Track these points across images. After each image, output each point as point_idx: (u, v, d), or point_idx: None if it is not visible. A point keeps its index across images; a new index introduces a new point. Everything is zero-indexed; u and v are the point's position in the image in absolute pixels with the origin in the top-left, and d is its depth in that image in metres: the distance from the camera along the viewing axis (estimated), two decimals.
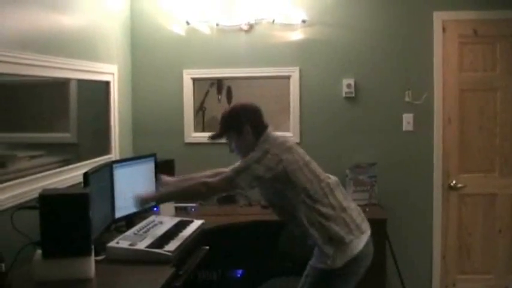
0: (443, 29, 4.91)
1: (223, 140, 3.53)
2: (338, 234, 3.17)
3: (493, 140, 4.97)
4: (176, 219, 4.03)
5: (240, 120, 3.44)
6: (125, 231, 3.66)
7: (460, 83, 4.95)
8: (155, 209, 4.34)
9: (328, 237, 3.17)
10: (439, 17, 4.91)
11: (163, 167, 4.44)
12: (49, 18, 3.69)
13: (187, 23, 5.07)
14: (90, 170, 3.41)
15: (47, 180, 3.54)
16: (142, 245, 3.29)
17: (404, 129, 5.01)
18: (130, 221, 4.01)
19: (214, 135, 3.55)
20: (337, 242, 3.17)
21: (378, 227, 4.43)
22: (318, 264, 3.20)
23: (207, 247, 4.02)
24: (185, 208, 4.70)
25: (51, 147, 3.85)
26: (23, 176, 3.30)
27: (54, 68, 3.68)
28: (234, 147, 3.49)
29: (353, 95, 5.01)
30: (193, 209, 4.69)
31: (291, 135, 4.94)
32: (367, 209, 4.65)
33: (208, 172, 3.79)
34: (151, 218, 4.01)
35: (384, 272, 4.53)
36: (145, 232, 3.59)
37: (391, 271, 4.74)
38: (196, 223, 3.98)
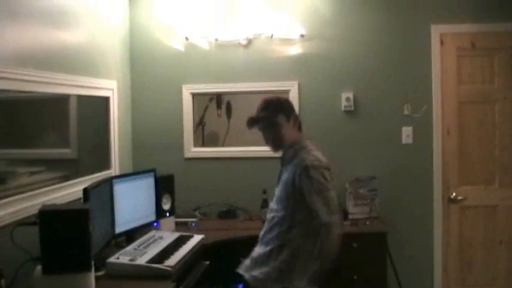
0: (441, 42, 4.93)
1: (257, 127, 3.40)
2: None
3: (492, 151, 4.98)
4: (176, 234, 4.03)
5: (286, 109, 3.37)
6: (125, 247, 3.66)
7: (459, 96, 4.96)
8: (155, 224, 4.34)
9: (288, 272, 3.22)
10: (437, 30, 4.93)
11: (163, 182, 4.45)
12: (49, 35, 3.71)
13: (186, 38, 5.09)
14: (90, 185, 3.41)
15: (47, 196, 3.55)
16: (142, 260, 3.29)
17: (403, 142, 5.02)
18: (130, 236, 4.01)
19: (254, 119, 3.38)
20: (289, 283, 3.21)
21: (379, 240, 4.44)
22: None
23: (208, 262, 4.03)
24: (185, 223, 4.69)
25: (51, 163, 3.85)
26: (23, 192, 3.30)
27: (54, 84, 3.70)
28: (267, 139, 3.39)
29: (352, 109, 5.02)
30: (193, 224, 4.68)
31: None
32: (367, 222, 4.66)
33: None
34: (152, 233, 4.01)
35: (385, 286, 4.51)
36: (146, 247, 3.59)
37: (392, 284, 4.73)
38: (197, 238, 3.98)
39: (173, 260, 3.37)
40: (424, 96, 4.96)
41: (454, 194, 4.99)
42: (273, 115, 3.34)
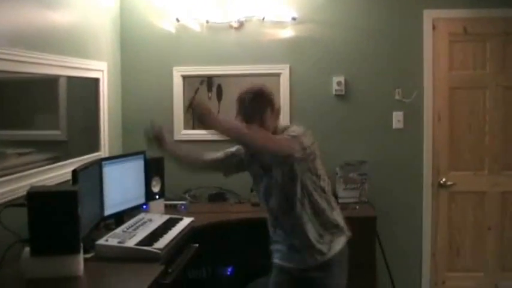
0: (434, 27, 4.92)
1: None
2: (334, 220, 3.26)
3: (483, 138, 4.99)
4: (166, 217, 4.03)
5: (268, 101, 3.31)
6: (114, 229, 3.64)
7: (450, 81, 4.96)
8: (144, 206, 4.34)
9: (324, 227, 3.22)
10: (429, 15, 4.91)
11: (153, 165, 4.43)
12: (38, 15, 3.68)
13: (177, 20, 5.06)
14: (79, 167, 3.39)
15: (36, 178, 3.53)
16: (131, 243, 3.29)
17: (394, 127, 5.02)
18: (119, 218, 4.00)
19: (243, 112, 3.31)
20: (333, 227, 3.25)
21: (368, 225, 4.45)
22: (308, 263, 3.21)
23: (197, 245, 4.02)
24: (175, 206, 4.69)
25: (40, 145, 3.83)
26: (11, 174, 3.29)
27: (44, 64, 3.67)
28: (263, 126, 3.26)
29: (343, 93, 5.01)
30: (183, 207, 4.68)
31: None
32: (357, 207, 4.67)
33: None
34: (141, 215, 4.00)
35: (374, 270, 4.53)
36: (135, 230, 3.58)
37: (380, 269, 4.75)
38: (186, 221, 3.98)
39: (162, 242, 3.36)
40: (415, 81, 4.96)
41: (443, 180, 5.00)
42: (263, 108, 3.29)
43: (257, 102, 3.26)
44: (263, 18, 4.99)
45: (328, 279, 3.24)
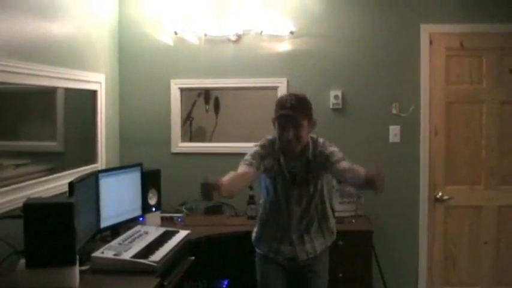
0: (430, 42, 4.94)
1: (294, 122, 3.30)
2: (333, 227, 3.73)
3: (479, 152, 5.00)
4: (162, 230, 4.02)
5: (309, 110, 3.40)
6: (110, 241, 3.64)
7: (447, 96, 4.98)
8: (141, 218, 4.33)
9: (326, 231, 3.64)
10: (426, 30, 4.93)
11: (149, 177, 4.43)
12: (36, 26, 3.69)
13: (176, 32, 5.07)
14: (75, 179, 3.39)
15: (32, 189, 3.53)
16: (127, 255, 3.28)
17: (391, 141, 5.03)
18: (115, 230, 3.99)
19: (292, 114, 3.28)
20: (330, 233, 3.70)
21: (364, 239, 4.45)
22: (327, 247, 3.63)
23: (193, 257, 4.02)
24: (171, 218, 4.69)
25: (37, 156, 3.83)
26: (7, 185, 3.28)
27: (41, 76, 3.67)
28: (299, 136, 3.32)
29: (340, 107, 5.02)
30: (179, 219, 4.68)
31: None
32: (353, 221, 4.67)
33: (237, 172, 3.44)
34: (137, 228, 4.00)
35: (370, 284, 4.52)
36: (131, 242, 3.58)
37: (377, 282, 4.74)
38: (182, 233, 3.98)
39: (158, 255, 3.36)
40: (412, 95, 4.97)
41: (440, 194, 5.01)
42: (312, 119, 3.42)
43: (298, 109, 3.30)
44: (261, 32, 5.00)
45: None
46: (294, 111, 3.27)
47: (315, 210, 3.54)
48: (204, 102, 5.29)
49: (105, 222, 3.89)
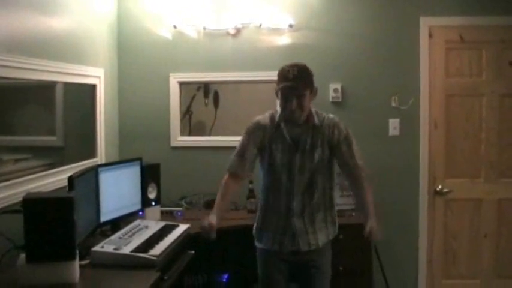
0: (430, 35, 4.93)
1: (296, 92, 3.33)
2: (335, 217, 3.70)
3: (479, 145, 5.00)
4: (162, 224, 4.02)
5: (311, 79, 3.45)
6: (110, 236, 3.64)
7: (447, 89, 4.97)
8: (140, 213, 4.33)
9: (330, 221, 3.62)
10: (425, 23, 4.93)
11: (149, 171, 4.43)
12: (35, 21, 3.68)
13: (175, 26, 5.06)
14: (75, 173, 3.39)
15: (32, 184, 3.53)
16: (127, 249, 3.28)
17: (390, 134, 5.03)
18: (115, 225, 3.99)
19: (295, 85, 3.31)
20: (333, 224, 3.68)
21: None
22: (329, 241, 3.60)
23: (193, 251, 4.02)
24: (171, 212, 4.69)
25: (36, 151, 3.83)
26: (7, 180, 3.28)
27: (41, 71, 3.66)
28: (302, 105, 3.34)
29: (340, 100, 5.02)
30: (179, 213, 4.67)
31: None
32: (353, 214, 4.66)
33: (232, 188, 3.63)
34: (137, 222, 4.00)
35: (370, 277, 4.53)
36: (131, 236, 3.57)
37: (377, 276, 4.74)
38: (182, 227, 3.97)
39: (158, 249, 3.35)
40: (411, 88, 4.97)
41: (440, 187, 5.01)
42: (314, 87, 3.46)
43: (300, 79, 3.33)
44: (260, 25, 4.99)
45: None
46: (296, 82, 3.29)
47: (321, 194, 3.49)
48: (204, 96, 5.28)
49: (104, 217, 3.88)
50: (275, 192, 3.50)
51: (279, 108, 3.45)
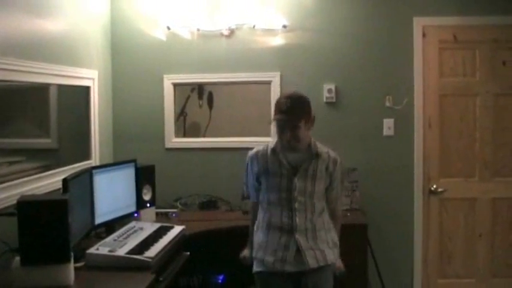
0: (424, 35, 4.94)
1: (290, 125, 3.30)
2: (335, 238, 3.61)
3: (473, 144, 5.01)
4: (157, 225, 4.01)
5: (308, 109, 3.41)
6: (104, 238, 3.63)
7: (440, 88, 4.98)
8: (135, 214, 4.33)
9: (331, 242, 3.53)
10: (419, 23, 4.93)
11: (144, 173, 4.42)
12: (29, 23, 3.67)
13: (168, 28, 5.06)
14: (69, 176, 3.39)
15: (26, 186, 3.52)
16: (122, 252, 3.28)
17: (384, 134, 5.03)
18: (110, 227, 3.99)
19: (288, 117, 3.28)
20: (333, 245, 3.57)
21: (359, 232, 4.45)
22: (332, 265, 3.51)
23: (188, 253, 4.02)
24: (166, 214, 4.68)
25: (31, 153, 3.82)
26: (1, 182, 3.27)
27: (34, 73, 3.66)
28: (297, 136, 3.31)
29: (334, 100, 5.02)
30: (174, 215, 4.67)
31: (272, 140, 4.92)
32: (348, 214, 4.66)
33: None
34: (132, 224, 3.99)
35: (366, 277, 4.53)
36: (126, 238, 3.57)
37: (372, 276, 4.75)
38: (177, 229, 3.97)
39: (153, 251, 3.35)
40: (405, 88, 4.98)
41: (434, 186, 5.01)
42: (310, 116, 3.41)
43: (294, 111, 3.29)
44: (254, 26, 4.99)
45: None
46: (289, 114, 3.26)
47: (318, 215, 3.43)
48: (198, 97, 5.28)
49: (99, 219, 3.88)
50: (274, 210, 3.44)
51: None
